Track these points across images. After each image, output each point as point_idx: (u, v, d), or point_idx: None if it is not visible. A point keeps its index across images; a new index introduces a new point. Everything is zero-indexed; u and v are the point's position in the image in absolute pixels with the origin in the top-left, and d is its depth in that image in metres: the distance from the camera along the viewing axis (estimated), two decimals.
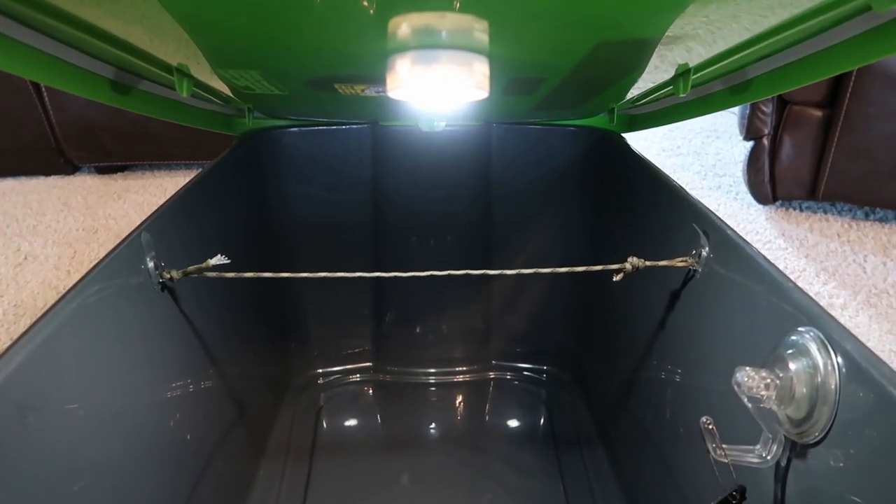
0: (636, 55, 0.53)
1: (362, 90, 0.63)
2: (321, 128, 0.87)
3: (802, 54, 0.50)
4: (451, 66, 0.45)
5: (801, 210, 1.65)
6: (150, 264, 0.54)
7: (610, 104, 0.80)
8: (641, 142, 0.65)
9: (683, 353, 0.61)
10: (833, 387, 0.38)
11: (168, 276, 0.56)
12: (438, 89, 0.47)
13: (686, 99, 0.68)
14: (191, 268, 0.56)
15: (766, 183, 1.59)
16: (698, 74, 0.58)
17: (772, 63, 0.54)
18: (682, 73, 0.58)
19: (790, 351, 0.41)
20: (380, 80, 0.56)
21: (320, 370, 0.99)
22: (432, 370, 1.00)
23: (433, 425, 0.92)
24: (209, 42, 0.50)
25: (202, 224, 0.68)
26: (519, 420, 0.94)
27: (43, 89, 1.71)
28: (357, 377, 0.99)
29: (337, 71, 0.57)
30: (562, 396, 0.96)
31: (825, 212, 1.64)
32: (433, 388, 0.98)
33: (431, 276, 0.59)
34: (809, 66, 0.50)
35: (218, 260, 0.55)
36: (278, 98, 0.70)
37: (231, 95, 0.71)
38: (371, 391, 0.97)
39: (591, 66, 0.55)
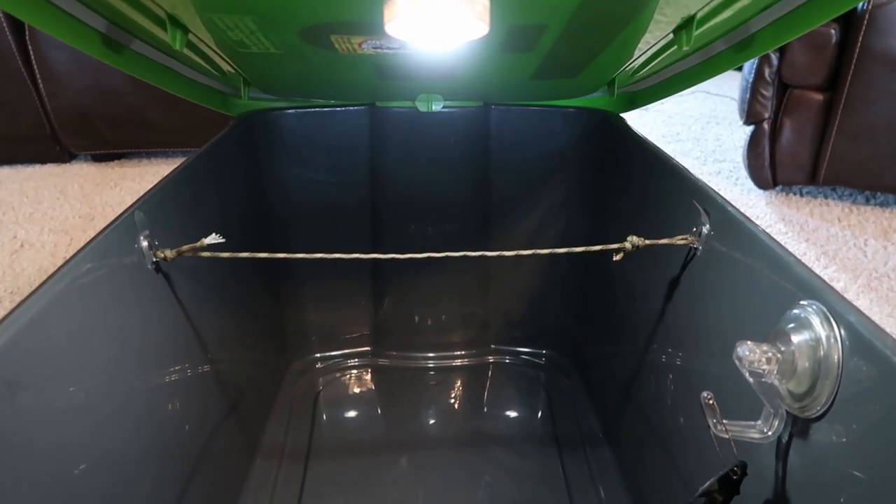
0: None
1: (359, 44, 0.62)
2: (318, 109, 0.86)
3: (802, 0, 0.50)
4: None
5: (802, 195, 1.64)
6: (144, 244, 0.53)
7: (611, 72, 0.79)
8: (641, 128, 0.66)
9: (684, 332, 0.61)
10: (835, 360, 0.37)
11: (162, 255, 0.55)
12: (437, 20, 0.45)
13: (688, 65, 0.67)
14: (185, 247, 0.55)
15: (767, 168, 1.58)
16: (701, 30, 0.57)
17: (773, 13, 0.53)
18: (685, 24, 0.57)
19: (792, 325, 0.40)
20: (377, 29, 0.55)
21: (318, 354, 0.99)
22: (431, 354, 1.00)
23: (432, 409, 0.92)
24: None
25: (197, 205, 0.67)
26: (518, 403, 0.93)
27: (38, 77, 1.70)
28: (355, 361, 0.99)
29: (333, 16, 0.56)
30: (561, 380, 0.95)
31: (826, 196, 1.63)
32: (432, 373, 0.98)
33: (429, 257, 0.58)
34: (810, 11, 0.49)
35: (213, 239, 0.54)
36: (274, 60, 0.68)
37: (226, 59, 0.70)
38: (369, 375, 0.97)
39: (596, 6, 0.53)
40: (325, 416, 0.90)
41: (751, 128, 1.57)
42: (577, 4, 0.52)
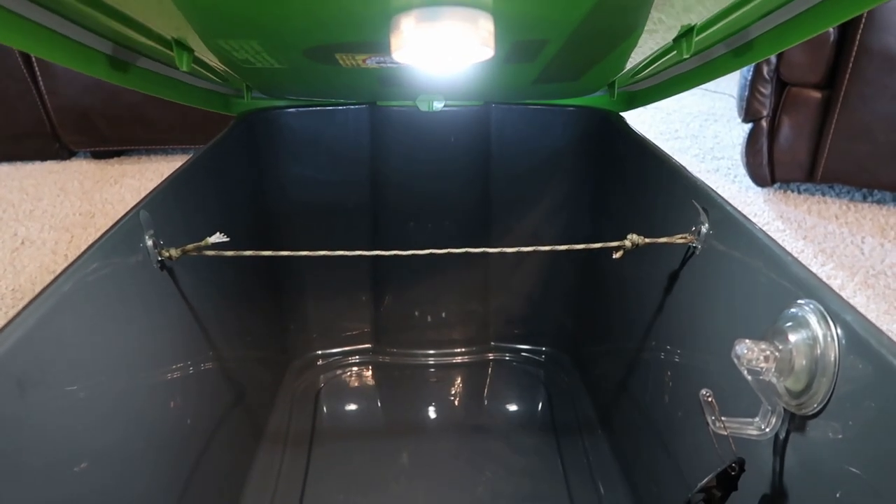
0: (641, 5, 0.52)
1: (364, 60, 0.62)
2: (319, 108, 0.87)
3: (804, 7, 0.50)
4: (457, 22, 0.44)
5: (800, 192, 1.65)
6: (149, 242, 0.54)
7: (611, 75, 0.79)
8: (639, 125, 0.66)
9: (683, 330, 0.62)
10: (832, 358, 0.38)
11: (167, 254, 0.56)
12: (444, 48, 0.46)
13: (688, 67, 0.67)
14: (189, 246, 0.56)
15: (765, 165, 1.58)
16: (701, 36, 0.57)
17: (774, 20, 0.53)
18: (685, 33, 0.57)
19: (789, 324, 0.41)
20: (382, 48, 0.55)
21: (319, 351, 0.99)
22: (431, 351, 1.00)
23: (433, 406, 0.92)
24: (202, 11, 0.49)
25: (200, 204, 0.68)
26: (518, 400, 0.94)
27: (38, 74, 1.69)
28: (356, 358, 0.99)
29: (338, 38, 0.56)
30: (560, 377, 0.96)
31: (823, 194, 1.64)
32: (432, 370, 0.98)
33: (431, 254, 0.59)
34: (811, 19, 0.49)
35: (217, 238, 0.55)
36: (278, 73, 0.69)
37: (230, 71, 0.71)
38: (370, 372, 0.98)
39: (596, 22, 0.53)
40: (326, 412, 0.90)
41: (749, 125, 1.57)
42: (578, 22, 0.53)
